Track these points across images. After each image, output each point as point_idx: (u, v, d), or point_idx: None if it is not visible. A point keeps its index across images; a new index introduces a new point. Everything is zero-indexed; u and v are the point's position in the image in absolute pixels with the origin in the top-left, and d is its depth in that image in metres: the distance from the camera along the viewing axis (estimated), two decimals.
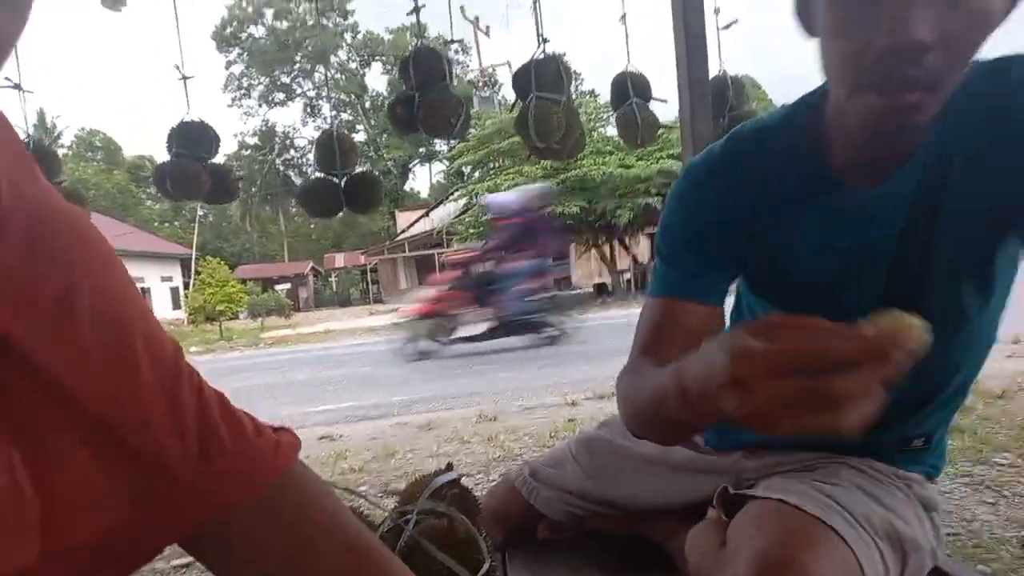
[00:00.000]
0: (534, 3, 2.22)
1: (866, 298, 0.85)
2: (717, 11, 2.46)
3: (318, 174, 2.58)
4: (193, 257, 27.14)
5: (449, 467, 1.13)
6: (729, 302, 1.00)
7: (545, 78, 2.06)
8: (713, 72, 2.26)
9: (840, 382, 0.47)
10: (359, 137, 46.32)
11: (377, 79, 48.45)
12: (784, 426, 0.49)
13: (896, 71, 0.66)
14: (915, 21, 0.63)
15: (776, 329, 0.50)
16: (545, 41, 2.35)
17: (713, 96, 2.18)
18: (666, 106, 2.54)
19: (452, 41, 2.42)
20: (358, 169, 2.56)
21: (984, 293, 0.84)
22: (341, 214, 2.57)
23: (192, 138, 2.28)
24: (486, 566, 0.92)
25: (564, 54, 2.34)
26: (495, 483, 1.35)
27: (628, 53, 2.50)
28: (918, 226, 0.80)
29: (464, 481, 3.50)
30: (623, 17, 2.64)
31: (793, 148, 0.85)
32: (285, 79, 44.36)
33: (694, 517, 1.05)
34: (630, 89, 2.38)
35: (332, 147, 2.31)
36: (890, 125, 0.70)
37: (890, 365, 0.49)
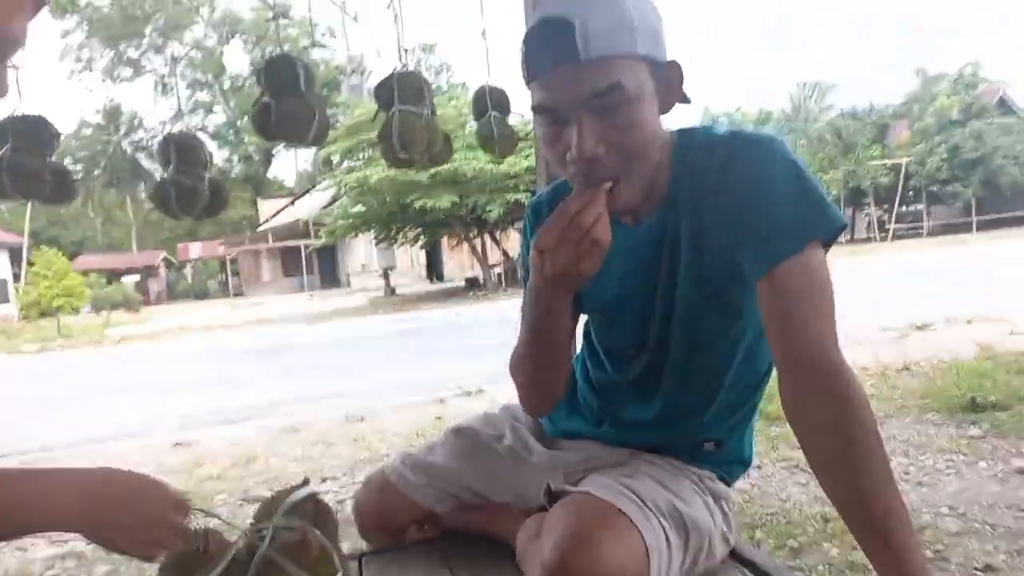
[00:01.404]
0: (395, 19, 2.26)
1: (639, 317, 1.09)
2: None
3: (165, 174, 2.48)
4: (25, 246, 24.48)
5: (305, 482, 1.17)
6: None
7: (407, 92, 2.11)
8: None
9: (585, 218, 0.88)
10: (218, 119, 43.64)
11: (238, 58, 45.75)
12: (568, 263, 0.89)
13: (585, 175, 0.92)
14: (585, 140, 0.89)
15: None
16: (406, 51, 2.40)
17: None
18: (523, 117, 2.66)
19: (314, 44, 2.41)
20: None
21: (728, 322, 1.06)
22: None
23: (30, 133, 2.12)
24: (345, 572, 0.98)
25: (435, 45, 2.40)
26: (367, 477, 1.41)
27: (488, 68, 2.60)
28: (663, 259, 1.04)
29: (330, 484, 3.49)
30: (483, 33, 2.74)
31: None
32: (133, 53, 40.86)
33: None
34: (488, 103, 2.48)
35: (193, 147, 2.25)
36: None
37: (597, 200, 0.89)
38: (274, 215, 29.99)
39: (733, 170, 0.96)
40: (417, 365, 6.97)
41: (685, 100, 1.00)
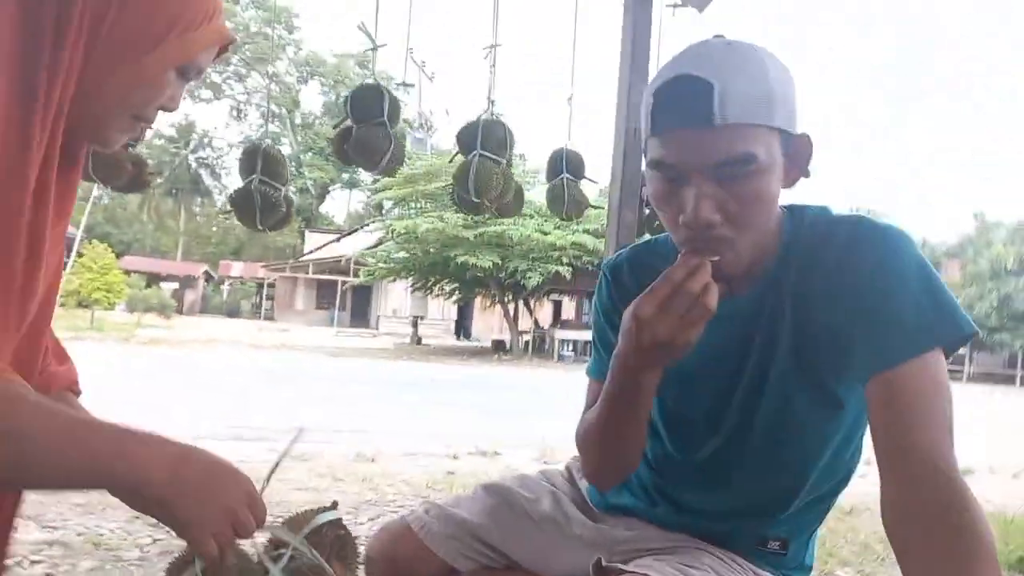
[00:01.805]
0: (490, 68, 2.31)
1: (719, 392, 1.02)
2: None
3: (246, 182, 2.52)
4: (78, 238, 25.27)
5: (334, 505, 1.10)
6: None
7: (491, 139, 2.13)
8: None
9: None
10: (284, 150, 45.19)
11: (313, 98, 47.88)
12: (673, 331, 0.84)
13: (696, 240, 0.88)
14: (702, 207, 0.85)
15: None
16: (492, 103, 2.44)
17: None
18: (597, 184, 2.67)
19: (403, 84, 2.46)
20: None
21: (824, 410, 0.97)
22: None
23: None
24: None
25: (502, 114, 2.43)
26: (387, 522, 1.32)
27: (569, 132, 2.63)
28: (758, 337, 0.97)
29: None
30: (570, 98, 2.78)
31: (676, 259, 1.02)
32: (216, 78, 43.01)
33: None
34: (564, 165, 2.49)
35: (279, 160, 2.30)
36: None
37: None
38: (319, 247, 30.58)
39: (857, 256, 0.89)
40: (434, 417, 6.85)
41: (807, 175, 0.96)
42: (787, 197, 1.04)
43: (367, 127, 2.26)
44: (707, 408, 1.05)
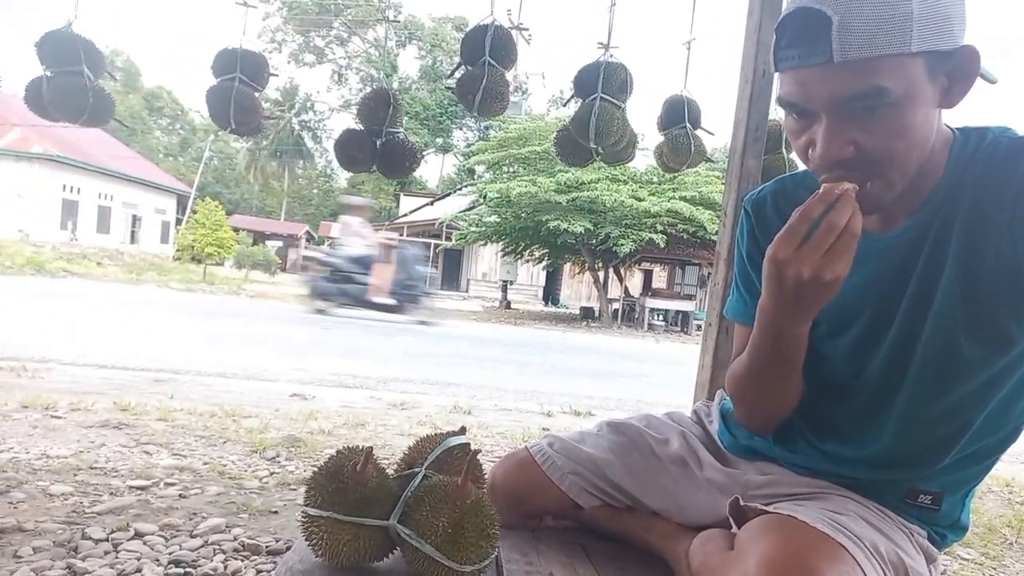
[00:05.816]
0: (611, 8, 2.22)
1: (867, 334, 0.95)
2: None
3: (356, 127, 2.58)
4: (192, 196, 26.87)
5: (462, 430, 1.10)
6: None
7: (612, 82, 2.06)
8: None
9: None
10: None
11: (410, 62, 48.54)
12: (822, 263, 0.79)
13: (833, 170, 0.83)
14: (830, 144, 0.81)
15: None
16: (606, 47, 2.36)
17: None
18: (714, 135, 2.55)
19: (517, 27, 2.41)
20: (399, 132, 2.56)
21: (992, 351, 0.87)
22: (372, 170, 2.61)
23: (251, 67, 2.25)
24: (496, 531, 0.90)
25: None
26: (505, 455, 1.32)
27: (686, 77, 2.51)
28: (919, 269, 0.89)
29: None
30: (689, 43, 2.65)
31: None
32: (319, 42, 44.17)
33: (699, 529, 1.05)
34: (686, 113, 2.38)
35: (385, 102, 2.32)
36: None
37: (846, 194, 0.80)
38: (414, 210, 31.21)
39: None
40: (526, 377, 6.90)
41: (990, 80, 0.86)
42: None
43: (473, 67, 2.25)
44: (852, 354, 0.97)
